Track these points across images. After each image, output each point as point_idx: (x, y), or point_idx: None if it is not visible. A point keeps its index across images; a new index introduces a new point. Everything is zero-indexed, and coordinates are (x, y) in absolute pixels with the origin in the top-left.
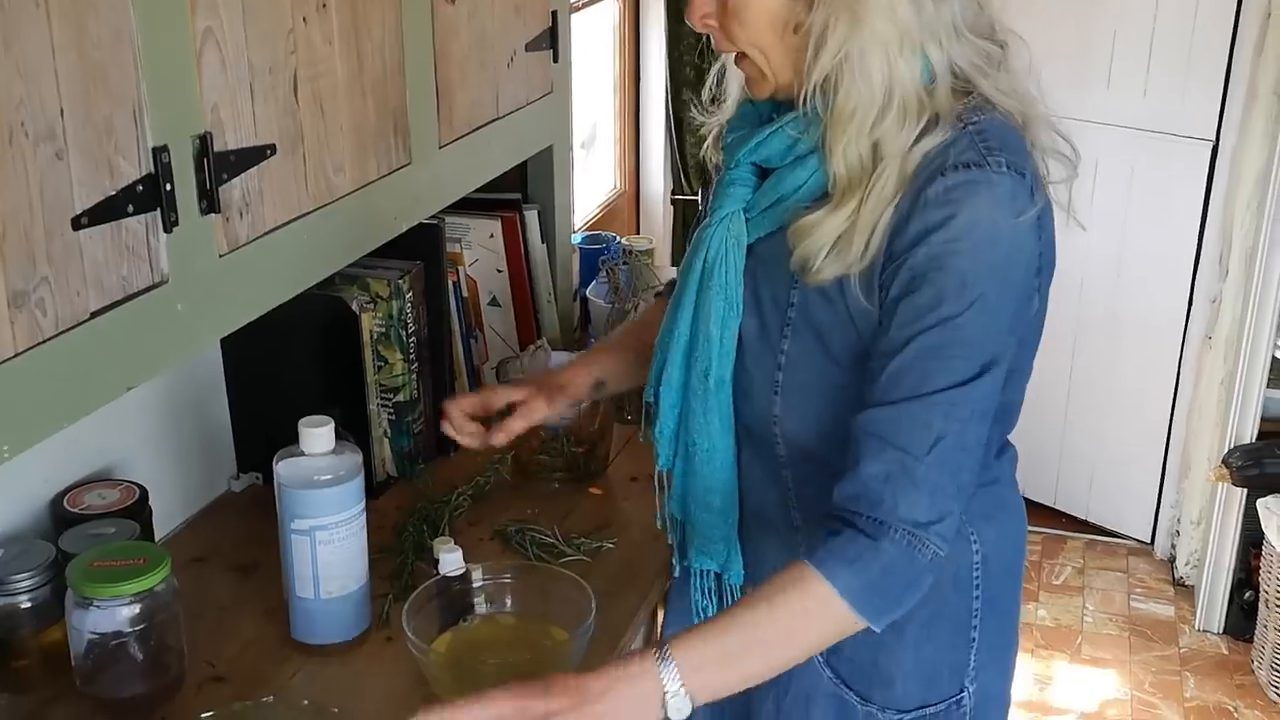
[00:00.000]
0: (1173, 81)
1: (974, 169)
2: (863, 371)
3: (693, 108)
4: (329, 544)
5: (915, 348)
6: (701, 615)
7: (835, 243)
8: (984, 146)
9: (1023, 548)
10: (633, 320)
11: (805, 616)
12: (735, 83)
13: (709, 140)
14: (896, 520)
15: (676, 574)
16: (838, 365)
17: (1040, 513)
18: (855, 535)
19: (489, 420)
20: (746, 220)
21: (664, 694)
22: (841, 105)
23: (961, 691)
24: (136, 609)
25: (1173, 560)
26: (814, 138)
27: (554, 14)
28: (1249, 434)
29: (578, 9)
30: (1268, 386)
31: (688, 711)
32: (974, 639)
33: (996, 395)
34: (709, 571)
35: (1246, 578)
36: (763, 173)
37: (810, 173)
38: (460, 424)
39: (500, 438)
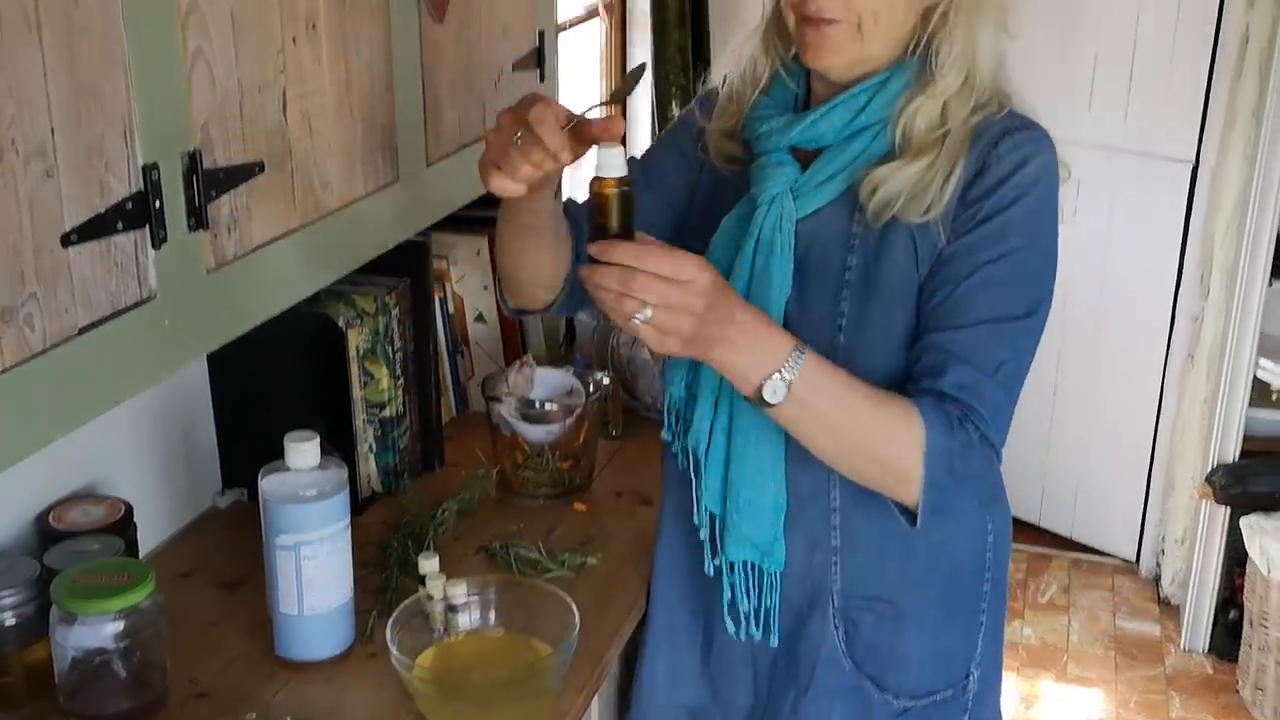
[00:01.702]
0: (1153, 104)
1: (1033, 129)
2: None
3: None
4: (314, 559)
5: (981, 276)
6: (740, 614)
7: (912, 188)
8: (1026, 117)
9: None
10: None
11: (892, 430)
12: (743, 79)
13: (713, 137)
14: (974, 419)
15: (710, 572)
16: (903, 306)
17: (1025, 530)
18: (948, 408)
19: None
20: (794, 199)
21: (778, 370)
22: (939, 76)
23: (967, 677)
24: (120, 625)
25: (1158, 579)
26: (878, 111)
27: (541, 34)
28: (1232, 453)
29: (565, 29)
30: (1250, 405)
31: (778, 400)
32: (982, 622)
33: (1040, 336)
34: (746, 563)
35: (1231, 597)
36: (798, 154)
37: (866, 144)
38: (558, 141)
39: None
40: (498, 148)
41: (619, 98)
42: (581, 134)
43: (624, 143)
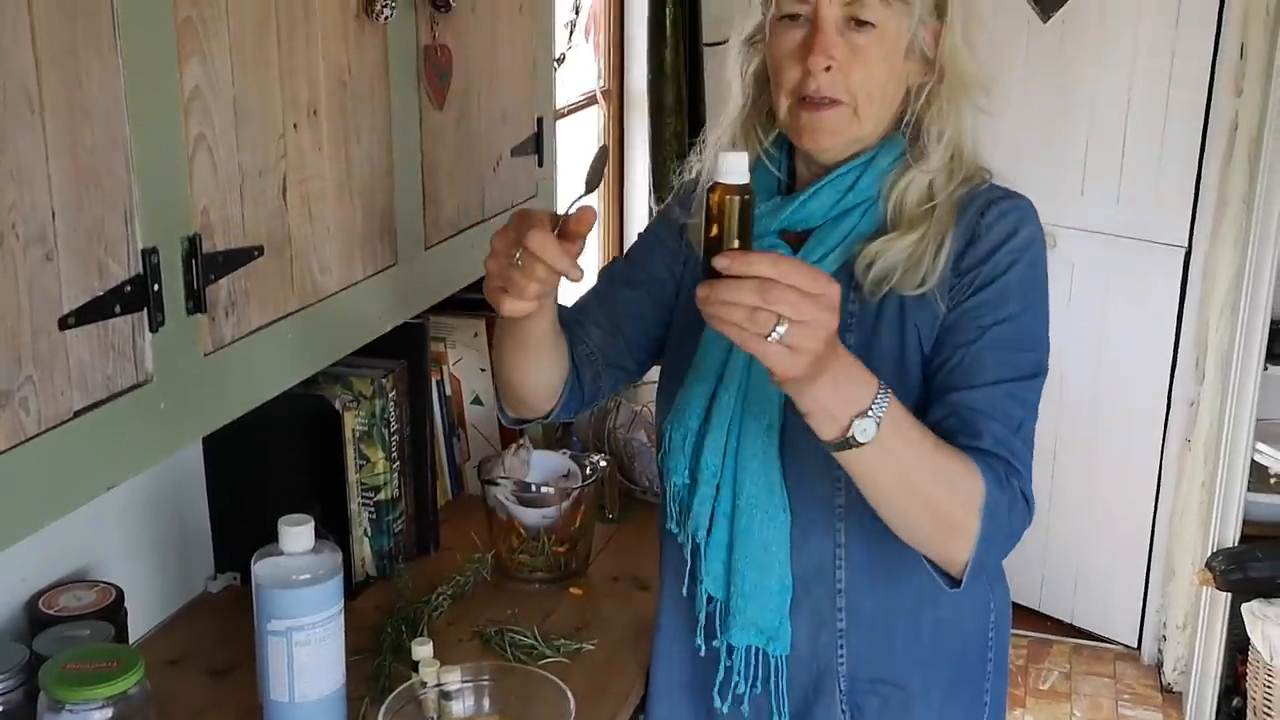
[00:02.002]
0: (1144, 189)
1: (1015, 198)
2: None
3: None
4: (306, 645)
5: (990, 338)
6: (729, 694)
7: (907, 261)
8: (1007, 188)
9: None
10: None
11: (957, 479)
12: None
13: (694, 231)
14: (1015, 475)
15: (703, 653)
16: (903, 381)
17: (1025, 615)
18: (995, 464)
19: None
20: None
21: (867, 408)
22: (930, 152)
23: None
24: (109, 713)
25: (1160, 665)
26: (866, 189)
27: (539, 120)
28: (1231, 537)
29: (564, 115)
30: (1248, 490)
31: (867, 439)
32: (985, 703)
33: (1041, 395)
34: (750, 648)
35: (1235, 684)
36: (787, 236)
37: (855, 222)
38: (558, 255)
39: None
40: (500, 273)
41: (592, 185)
42: (565, 233)
43: (620, 253)
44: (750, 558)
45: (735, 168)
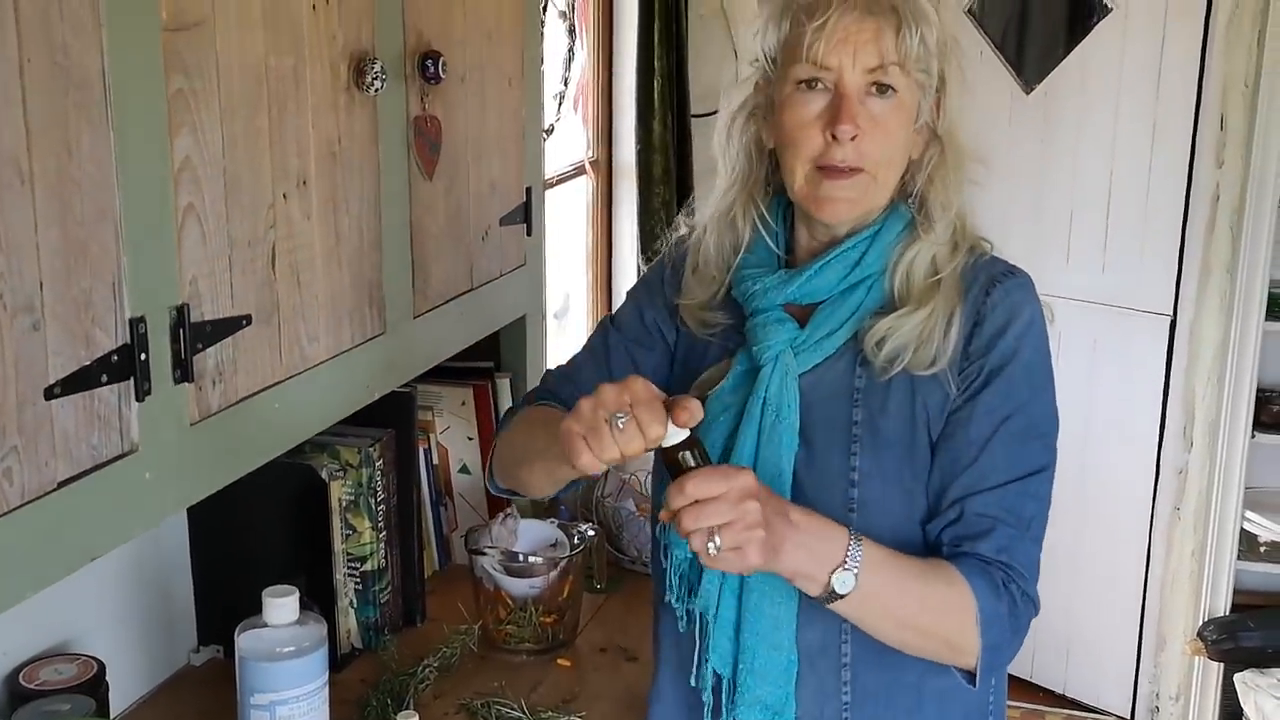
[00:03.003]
0: (1129, 258)
1: (1016, 275)
2: (931, 465)
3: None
4: (290, 719)
5: (1001, 436)
6: None
7: (918, 338)
8: (1007, 262)
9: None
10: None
11: (946, 604)
12: (719, 247)
13: (689, 311)
14: (1016, 578)
15: None
16: (912, 457)
17: (1017, 686)
18: (993, 572)
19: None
20: (795, 355)
21: (842, 562)
22: (937, 223)
23: None
24: None
25: None
26: (873, 263)
27: (528, 190)
28: (1222, 606)
29: (552, 185)
30: (1238, 558)
31: (847, 590)
32: None
33: (1054, 476)
34: None
35: None
36: (790, 309)
37: (862, 297)
38: (659, 441)
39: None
40: (592, 422)
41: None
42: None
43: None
44: (762, 635)
45: (673, 434)
